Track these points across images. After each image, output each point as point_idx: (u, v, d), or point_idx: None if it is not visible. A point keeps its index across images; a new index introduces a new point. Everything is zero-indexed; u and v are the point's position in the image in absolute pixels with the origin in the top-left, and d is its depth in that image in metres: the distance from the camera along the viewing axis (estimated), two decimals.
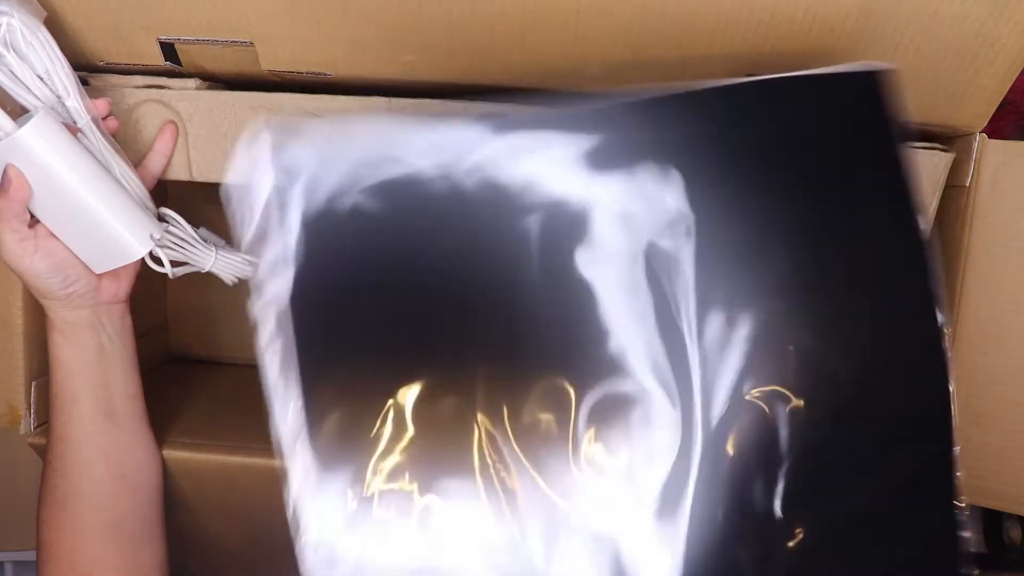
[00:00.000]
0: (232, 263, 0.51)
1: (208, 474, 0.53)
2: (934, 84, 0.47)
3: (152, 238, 0.47)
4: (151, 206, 0.47)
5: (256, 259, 0.50)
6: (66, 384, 0.48)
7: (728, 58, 0.46)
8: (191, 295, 0.75)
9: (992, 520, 0.82)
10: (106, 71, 0.49)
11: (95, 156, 0.44)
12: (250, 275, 0.51)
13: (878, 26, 0.44)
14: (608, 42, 0.46)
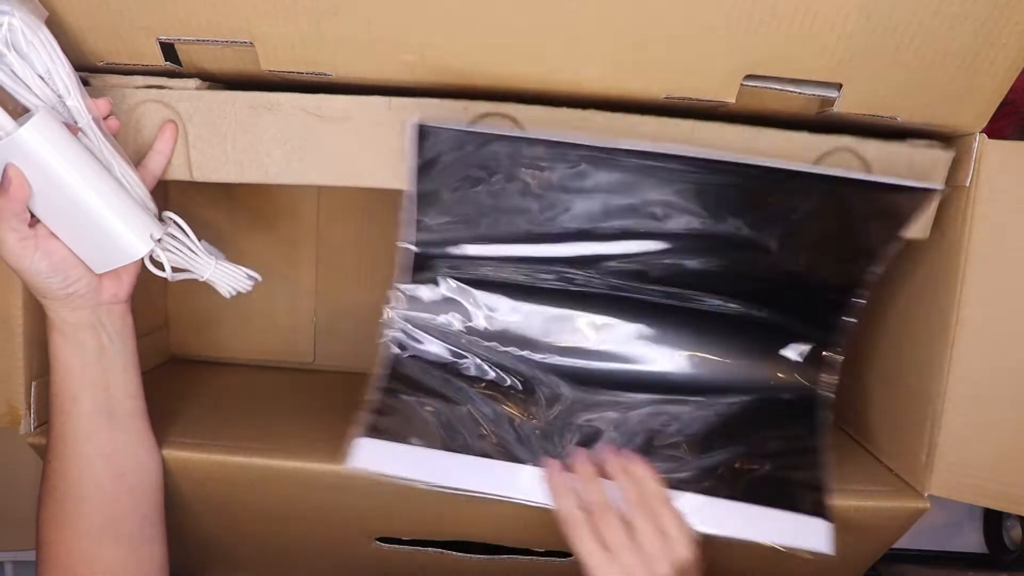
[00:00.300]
0: (231, 275, 0.50)
1: (208, 474, 0.53)
2: (934, 84, 0.47)
3: (152, 238, 0.47)
4: (152, 206, 0.47)
5: (257, 275, 0.51)
6: (66, 384, 0.48)
7: (728, 58, 0.46)
8: (192, 296, 0.75)
9: (992, 520, 0.82)
10: (106, 71, 0.49)
11: (95, 155, 0.44)
12: (248, 289, 0.51)
13: (878, 26, 0.44)
14: (608, 42, 0.46)
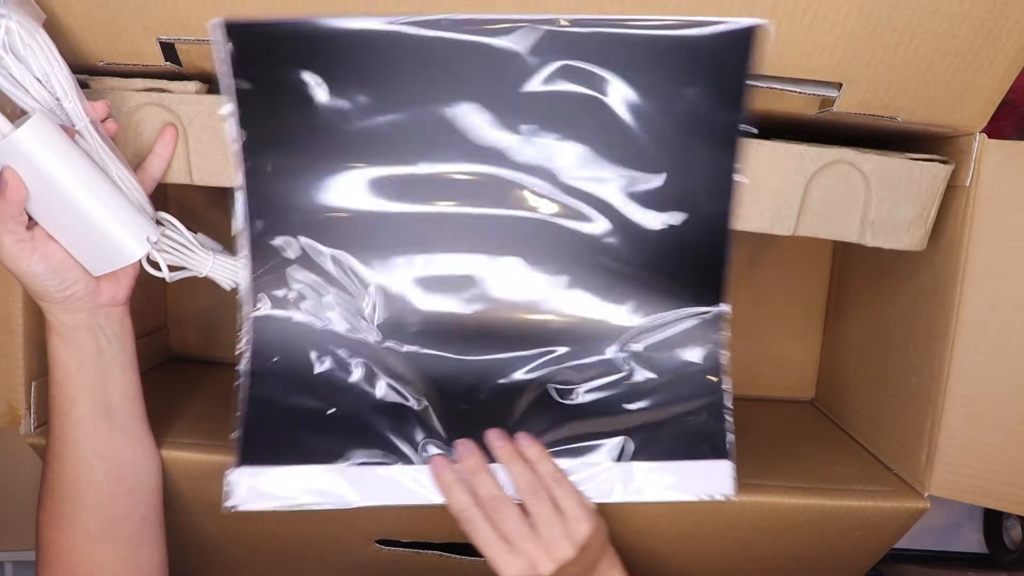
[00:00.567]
0: (229, 268, 0.51)
1: (208, 474, 0.53)
2: (934, 84, 0.47)
3: (149, 241, 0.47)
4: (149, 209, 0.47)
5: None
6: (64, 386, 0.48)
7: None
8: (191, 296, 0.75)
9: (992, 520, 0.82)
10: (106, 71, 0.49)
11: (92, 158, 0.44)
12: (247, 279, 0.51)
13: (878, 26, 0.44)
14: None
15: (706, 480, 0.51)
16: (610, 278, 0.52)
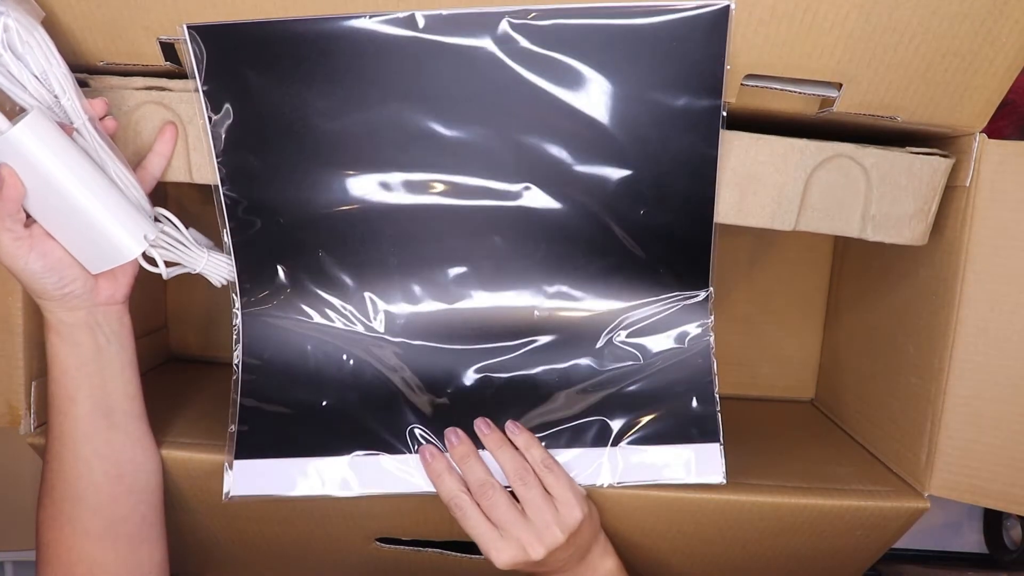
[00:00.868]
0: (221, 265, 0.51)
1: (208, 473, 0.53)
2: (934, 84, 0.47)
3: (146, 238, 0.47)
4: (147, 207, 0.47)
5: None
6: (63, 385, 0.48)
7: (729, 57, 0.46)
8: (191, 295, 0.75)
9: (992, 520, 0.82)
10: (106, 71, 0.49)
11: (90, 155, 0.44)
12: (236, 277, 0.51)
13: (878, 26, 0.44)
14: None
15: (696, 464, 0.51)
16: (593, 267, 0.52)
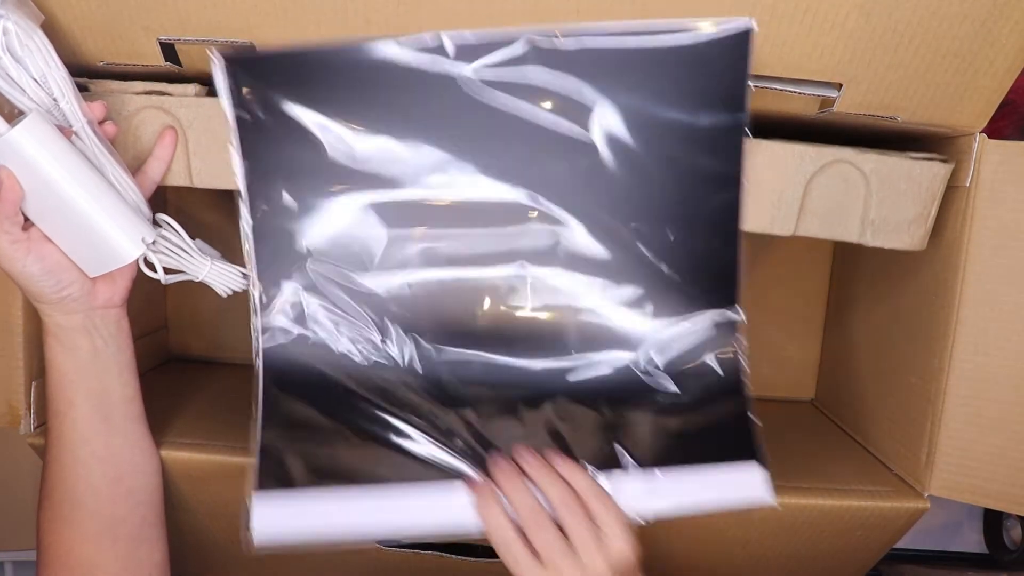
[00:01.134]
0: (226, 274, 0.50)
1: (208, 474, 0.53)
2: (934, 84, 0.47)
3: (144, 242, 0.47)
4: (146, 210, 0.47)
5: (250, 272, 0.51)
6: (61, 388, 0.47)
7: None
8: (191, 296, 0.75)
9: (992, 520, 0.82)
10: (106, 72, 0.49)
11: (89, 158, 0.44)
12: (243, 287, 0.51)
13: (878, 26, 0.44)
14: None
15: (740, 486, 0.49)
16: (624, 289, 0.51)
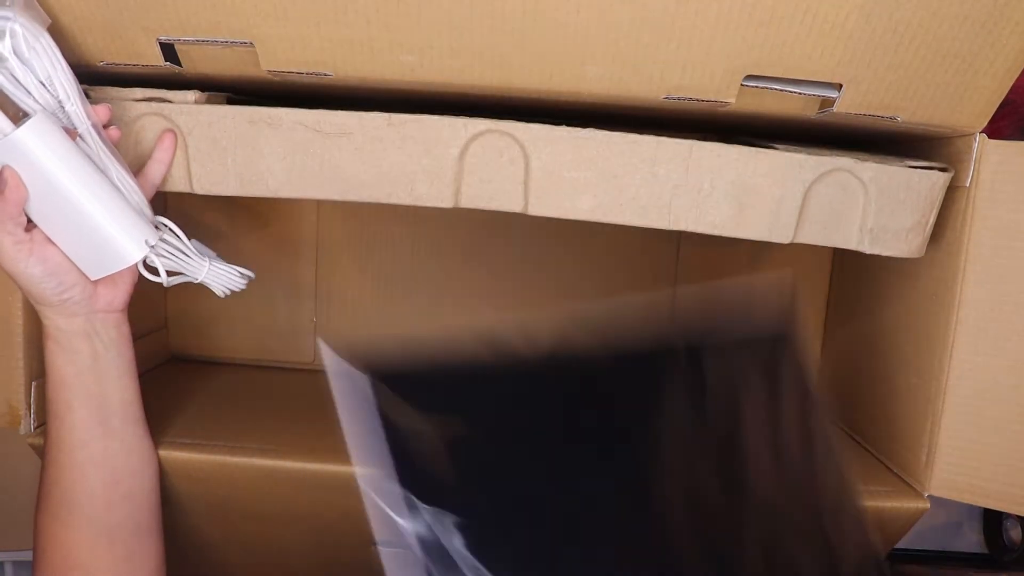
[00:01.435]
0: (224, 275, 0.51)
1: (207, 474, 0.53)
2: (934, 84, 0.47)
3: (147, 244, 0.47)
4: (148, 213, 0.47)
5: (250, 272, 0.51)
6: (60, 392, 0.47)
7: (729, 58, 0.46)
8: (191, 296, 0.74)
9: (992, 520, 0.82)
10: (106, 72, 0.49)
11: (93, 160, 0.44)
12: (241, 287, 0.51)
13: (878, 26, 0.44)
14: (608, 42, 0.46)
15: None
16: None
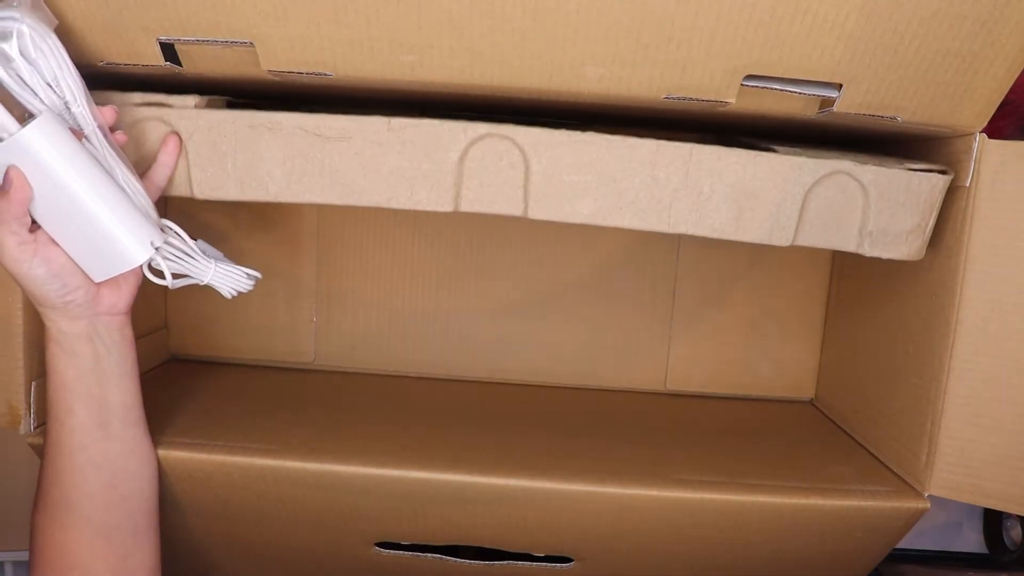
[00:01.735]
0: (231, 276, 0.50)
1: (207, 474, 0.53)
2: (934, 84, 0.47)
3: (152, 245, 0.46)
4: (154, 215, 0.47)
5: (256, 272, 0.50)
6: (61, 395, 0.47)
7: (729, 58, 0.46)
8: (191, 296, 0.74)
9: (992, 520, 0.82)
10: (106, 72, 0.49)
11: (99, 161, 0.44)
12: (249, 288, 0.51)
13: (878, 26, 0.44)
14: (608, 42, 0.46)
15: None
16: None
